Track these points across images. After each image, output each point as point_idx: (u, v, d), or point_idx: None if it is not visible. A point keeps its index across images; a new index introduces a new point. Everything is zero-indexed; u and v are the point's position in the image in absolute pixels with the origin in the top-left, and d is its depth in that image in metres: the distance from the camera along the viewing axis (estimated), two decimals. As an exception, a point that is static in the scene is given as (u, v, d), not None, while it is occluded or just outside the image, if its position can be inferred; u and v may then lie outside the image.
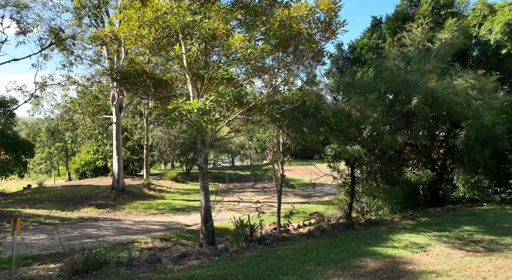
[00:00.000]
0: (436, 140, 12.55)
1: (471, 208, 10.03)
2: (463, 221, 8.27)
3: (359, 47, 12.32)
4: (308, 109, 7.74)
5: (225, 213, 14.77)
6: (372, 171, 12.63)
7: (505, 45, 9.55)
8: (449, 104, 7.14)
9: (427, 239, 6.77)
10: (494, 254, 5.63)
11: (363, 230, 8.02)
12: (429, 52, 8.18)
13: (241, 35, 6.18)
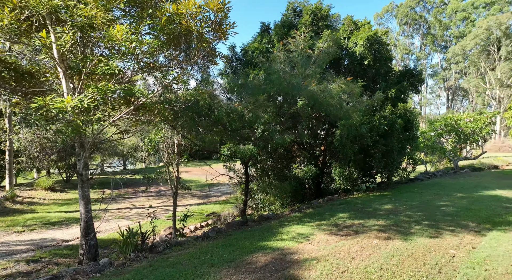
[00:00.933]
0: (318, 138, 14.07)
1: (345, 197, 11.58)
2: (339, 209, 9.45)
3: (250, 50, 12.88)
4: (202, 109, 7.61)
5: (115, 221, 13.37)
6: (265, 169, 13.32)
7: (367, 57, 11.43)
8: (327, 106, 8.06)
9: (311, 228, 7.46)
10: (361, 235, 6.57)
11: (256, 226, 8.32)
12: (310, 59, 9.06)
13: (124, 27, 5.60)
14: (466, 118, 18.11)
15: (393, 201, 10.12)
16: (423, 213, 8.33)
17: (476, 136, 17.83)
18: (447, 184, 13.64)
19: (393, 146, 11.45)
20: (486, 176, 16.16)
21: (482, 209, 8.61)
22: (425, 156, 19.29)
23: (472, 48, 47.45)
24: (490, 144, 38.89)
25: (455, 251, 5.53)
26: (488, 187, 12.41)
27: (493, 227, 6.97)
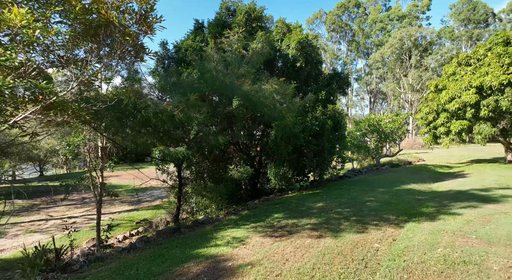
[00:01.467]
0: (254, 139, 14.09)
1: (280, 197, 11.77)
2: (274, 209, 9.51)
3: (183, 48, 12.33)
4: (126, 109, 6.92)
5: (25, 236, 11.65)
6: (200, 171, 12.89)
7: (299, 59, 11.81)
8: (261, 106, 8.02)
9: (246, 231, 7.32)
10: (294, 235, 6.62)
11: (190, 233, 7.91)
12: (244, 59, 8.94)
13: (23, 10, 4.74)
14: (386, 119, 20.01)
15: (324, 199, 10.56)
16: (351, 209, 8.81)
17: (394, 136, 19.83)
18: (371, 180, 14.81)
19: (324, 145, 11.98)
20: (402, 171, 18.03)
21: (400, 203, 9.43)
22: (352, 154, 20.81)
23: (389, 56, 52.94)
24: (405, 142, 43.87)
25: (379, 245, 5.87)
26: (404, 181, 13.78)
27: (409, 219, 7.63)
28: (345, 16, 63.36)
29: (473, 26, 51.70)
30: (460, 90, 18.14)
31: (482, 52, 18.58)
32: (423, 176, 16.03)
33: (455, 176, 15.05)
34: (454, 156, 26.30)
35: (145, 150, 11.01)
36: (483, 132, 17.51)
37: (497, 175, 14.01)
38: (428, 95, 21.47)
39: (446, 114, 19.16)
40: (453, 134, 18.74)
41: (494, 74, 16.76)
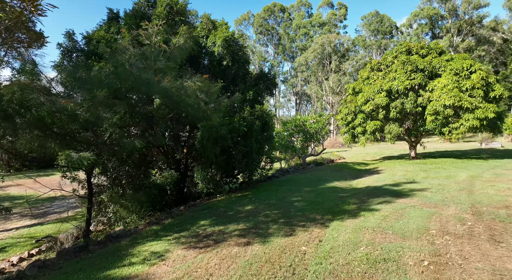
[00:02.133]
0: (180, 140, 13.22)
1: (208, 201, 11.19)
2: (201, 216, 8.89)
3: (95, 39, 10.86)
4: (9, 106, 5.58)
5: None
6: (118, 177, 11.55)
7: (225, 57, 11.40)
8: (183, 105, 7.33)
9: (167, 244, 6.57)
10: (220, 245, 6.13)
11: (101, 250, 6.82)
12: (165, 54, 8.12)
13: None
14: (310, 120, 20.91)
15: (253, 201, 10.31)
16: (280, 211, 8.69)
17: (318, 136, 20.85)
18: (298, 179, 15.17)
19: (252, 146, 11.78)
20: (326, 169, 19.01)
21: (325, 201, 9.67)
22: (280, 154, 21.27)
23: (312, 60, 56.28)
24: (327, 141, 47.08)
25: (306, 248, 5.74)
26: (328, 179, 14.42)
27: (334, 217, 7.79)
28: (271, 20, 65.40)
29: (381, 36, 58.05)
30: (374, 93, 19.86)
31: (390, 59, 20.68)
32: (344, 173, 17.07)
33: (371, 172, 16.33)
34: (369, 153, 28.91)
35: (48, 156, 9.38)
36: (392, 132, 19.45)
37: (404, 170, 15.61)
38: (347, 98, 23.11)
39: (362, 115, 20.81)
40: (368, 133, 20.43)
41: (400, 79, 18.73)
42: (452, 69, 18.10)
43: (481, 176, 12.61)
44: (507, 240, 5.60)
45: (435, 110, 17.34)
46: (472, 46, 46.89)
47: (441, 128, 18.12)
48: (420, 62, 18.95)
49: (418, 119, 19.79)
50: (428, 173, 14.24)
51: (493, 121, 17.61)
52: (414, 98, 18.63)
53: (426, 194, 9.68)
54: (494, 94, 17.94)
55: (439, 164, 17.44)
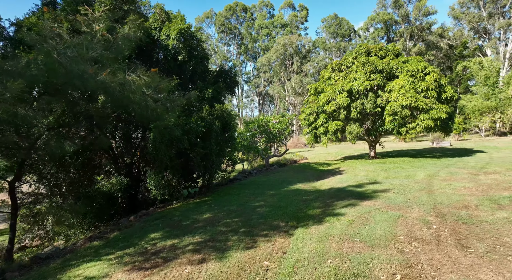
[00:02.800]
0: (132, 143, 12.04)
1: (163, 209, 10.20)
2: (152, 227, 7.94)
3: (26, 26, 9.39)
4: None
5: None
6: (57, 184, 10.16)
7: (181, 52, 10.49)
8: (128, 103, 6.37)
9: (107, 265, 5.59)
10: (171, 264, 5.30)
11: (22, 277, 5.65)
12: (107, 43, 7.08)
13: None
14: (273, 120, 20.51)
15: (212, 208, 9.53)
16: (240, 219, 8.01)
17: (281, 136, 20.51)
18: (261, 181, 14.60)
19: (212, 148, 10.97)
20: (289, 171, 18.69)
21: (288, 205, 9.16)
22: (243, 155, 20.63)
23: (275, 60, 56.43)
24: (290, 141, 47.37)
25: (269, 262, 5.12)
26: (291, 181, 14.01)
27: (298, 224, 7.27)
28: (234, 19, 64.65)
29: (340, 39, 59.75)
30: (335, 94, 19.91)
31: (350, 60, 20.90)
32: (307, 174, 16.82)
33: (334, 173, 16.23)
34: (331, 153, 29.26)
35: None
36: (353, 132, 19.63)
37: (366, 170, 15.69)
38: (309, 98, 23.05)
39: (324, 116, 20.80)
40: (330, 134, 20.46)
41: (360, 80, 18.93)
42: (408, 70, 18.63)
43: (437, 175, 12.90)
44: (474, 244, 5.40)
45: (394, 110, 17.70)
46: (423, 50, 49.77)
47: (399, 128, 18.57)
48: (378, 63, 19.31)
49: (378, 120, 20.18)
50: (389, 172, 14.37)
51: (445, 122, 18.39)
52: (373, 98, 18.93)
53: (389, 195, 9.53)
54: (445, 95, 18.74)
55: (397, 163, 17.83)
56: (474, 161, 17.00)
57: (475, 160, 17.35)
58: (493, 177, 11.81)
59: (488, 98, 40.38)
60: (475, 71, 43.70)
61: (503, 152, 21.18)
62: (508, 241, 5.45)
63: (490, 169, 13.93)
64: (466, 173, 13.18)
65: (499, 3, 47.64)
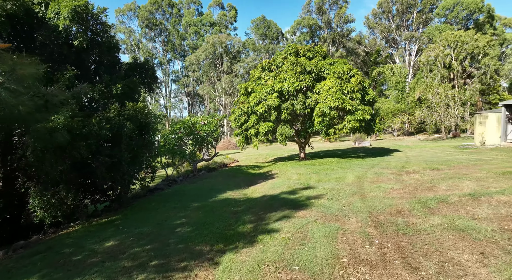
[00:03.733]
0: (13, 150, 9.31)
1: (53, 236, 7.91)
2: (24, 269, 5.80)
3: None
4: None
5: None
6: None
7: (77, 36, 8.31)
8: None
9: None
10: None
11: None
12: None
13: None
14: (201, 121, 18.92)
15: (120, 230, 7.64)
16: (154, 245, 6.37)
17: (210, 138, 19.04)
18: (186, 190, 12.95)
19: (122, 155, 8.99)
20: (219, 176, 17.33)
21: (216, 221, 7.82)
22: (168, 159, 18.56)
23: (204, 59, 54.51)
24: (221, 143, 46.04)
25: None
26: (221, 189, 12.68)
27: (226, 247, 5.98)
28: (159, 14, 60.75)
29: (269, 41, 60.58)
30: (266, 94, 19.21)
31: (280, 60, 20.48)
32: (238, 179, 15.69)
33: (266, 177, 15.39)
34: (262, 155, 28.78)
35: None
36: (284, 133, 19.17)
37: (297, 173, 15.19)
38: (239, 98, 22.03)
39: (255, 117, 19.95)
40: (261, 135, 19.70)
41: (290, 80, 18.55)
42: (335, 72, 18.86)
43: (365, 176, 12.90)
44: (421, 263, 4.76)
45: (322, 111, 17.67)
46: (344, 55, 53.15)
47: (327, 129, 18.67)
48: (307, 64, 19.19)
49: (307, 121, 20.09)
50: (320, 175, 14.03)
51: (369, 123, 19.10)
52: (303, 99, 18.71)
53: (324, 202, 8.86)
54: (368, 97, 19.48)
55: (327, 164, 17.84)
56: (394, 160, 17.88)
57: (395, 159, 18.29)
58: (415, 177, 12.17)
59: (399, 101, 44.82)
60: (387, 77, 48.20)
61: (415, 151, 23.06)
62: (453, 256, 4.96)
63: (410, 168, 14.58)
64: (390, 173, 13.50)
65: (404, 17, 53.50)
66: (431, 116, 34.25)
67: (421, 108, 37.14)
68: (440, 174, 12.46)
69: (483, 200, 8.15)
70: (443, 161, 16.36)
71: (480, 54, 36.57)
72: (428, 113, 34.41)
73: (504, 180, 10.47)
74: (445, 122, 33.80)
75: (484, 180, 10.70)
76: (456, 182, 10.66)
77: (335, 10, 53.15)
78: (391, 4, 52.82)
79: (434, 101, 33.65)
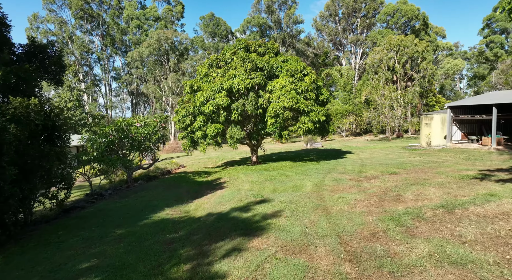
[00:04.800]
0: None
1: None
2: None
3: None
4: None
5: None
6: None
7: None
8: None
9: None
10: None
11: None
12: None
13: None
14: (137, 122, 16.21)
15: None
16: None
17: (147, 143, 16.42)
18: (112, 209, 10.41)
19: (4, 172, 6.34)
20: (159, 186, 14.86)
21: (140, 260, 5.70)
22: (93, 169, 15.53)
23: (148, 56, 50.44)
24: (168, 145, 42.69)
25: None
26: (157, 205, 10.41)
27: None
28: (95, 5, 55.09)
29: (218, 39, 58.38)
30: (214, 93, 17.22)
31: (229, 55, 18.61)
32: (181, 190, 13.46)
33: (214, 187, 13.38)
34: (211, 158, 26.64)
35: None
36: (235, 136, 17.34)
37: (250, 181, 13.45)
38: (184, 97, 19.68)
39: (202, 118, 17.82)
40: (209, 138, 17.66)
41: (240, 78, 16.78)
42: (288, 70, 17.52)
43: (324, 184, 11.62)
44: None
45: (275, 112, 16.18)
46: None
47: (281, 131, 17.23)
48: (259, 60, 17.59)
49: (259, 122, 18.50)
50: (274, 183, 12.43)
51: (323, 124, 18.08)
52: (255, 99, 17.07)
53: (283, 223, 7.19)
54: (322, 97, 18.49)
55: (281, 169, 16.40)
56: (349, 163, 17.05)
57: (350, 162, 17.49)
58: (376, 184, 11.15)
59: (347, 102, 45.70)
60: (336, 78, 48.99)
61: (366, 152, 22.77)
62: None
63: (367, 172, 13.68)
64: (349, 179, 12.40)
65: (350, 21, 55.07)
66: (378, 118, 35.01)
67: (368, 109, 37.94)
68: (401, 179, 11.61)
69: (459, 213, 7.15)
70: (397, 163, 15.87)
71: (419, 58, 38.44)
72: (375, 115, 35.12)
73: (467, 186, 9.81)
74: (391, 124, 34.78)
75: (448, 186, 9.94)
76: (421, 189, 9.74)
77: (284, 10, 52.80)
78: (338, 8, 53.99)
79: (380, 103, 34.41)
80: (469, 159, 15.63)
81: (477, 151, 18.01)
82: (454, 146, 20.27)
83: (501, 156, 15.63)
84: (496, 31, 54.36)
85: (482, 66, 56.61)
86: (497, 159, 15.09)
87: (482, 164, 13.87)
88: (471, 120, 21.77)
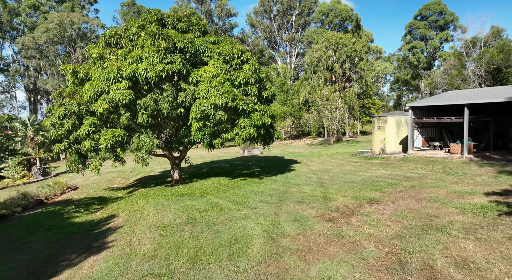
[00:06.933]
0: None
1: None
2: None
3: None
4: None
5: None
6: None
7: None
8: None
9: None
10: None
11: None
12: None
13: None
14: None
15: None
16: None
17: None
18: None
19: None
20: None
21: None
22: None
23: (47, 43, 40.65)
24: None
25: None
26: None
27: None
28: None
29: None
30: (109, 82, 11.41)
31: (135, 30, 12.91)
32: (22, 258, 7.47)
33: (90, 244, 7.69)
34: (124, 172, 20.41)
35: None
36: (144, 146, 11.75)
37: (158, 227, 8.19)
38: (65, 90, 13.30)
39: (93, 120, 11.79)
40: (104, 151, 11.78)
41: (150, 61, 11.32)
42: (221, 54, 12.65)
43: (282, 233, 7.06)
44: None
45: (204, 113, 11.17)
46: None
47: (211, 140, 12.22)
48: (178, 38, 12.32)
49: (181, 126, 13.23)
50: (199, 232, 7.46)
51: (268, 129, 13.63)
52: (173, 93, 11.78)
53: None
54: (267, 93, 14.07)
55: (211, 194, 11.43)
56: (303, 181, 12.89)
57: (303, 180, 13.34)
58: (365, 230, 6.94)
59: (284, 103, 42.62)
60: (272, 78, 45.64)
61: (316, 162, 19.05)
62: None
63: (336, 200, 9.56)
64: (316, 216, 8.04)
65: (285, 18, 52.62)
66: (320, 120, 32.23)
67: (309, 111, 35.10)
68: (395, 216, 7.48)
69: None
70: (364, 180, 12.15)
71: (356, 58, 37.04)
72: (317, 117, 32.27)
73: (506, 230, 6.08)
74: (332, 126, 32.31)
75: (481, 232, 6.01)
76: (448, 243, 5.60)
77: (216, 1, 47.80)
78: (272, 4, 51.03)
79: (322, 104, 31.67)
80: (449, 173, 12.59)
81: (448, 160, 15.29)
82: (417, 154, 17.58)
83: (483, 169, 12.92)
84: (416, 38, 57.23)
85: (403, 72, 59.21)
86: (483, 172, 12.15)
87: (474, 182, 10.77)
88: (432, 124, 19.57)
